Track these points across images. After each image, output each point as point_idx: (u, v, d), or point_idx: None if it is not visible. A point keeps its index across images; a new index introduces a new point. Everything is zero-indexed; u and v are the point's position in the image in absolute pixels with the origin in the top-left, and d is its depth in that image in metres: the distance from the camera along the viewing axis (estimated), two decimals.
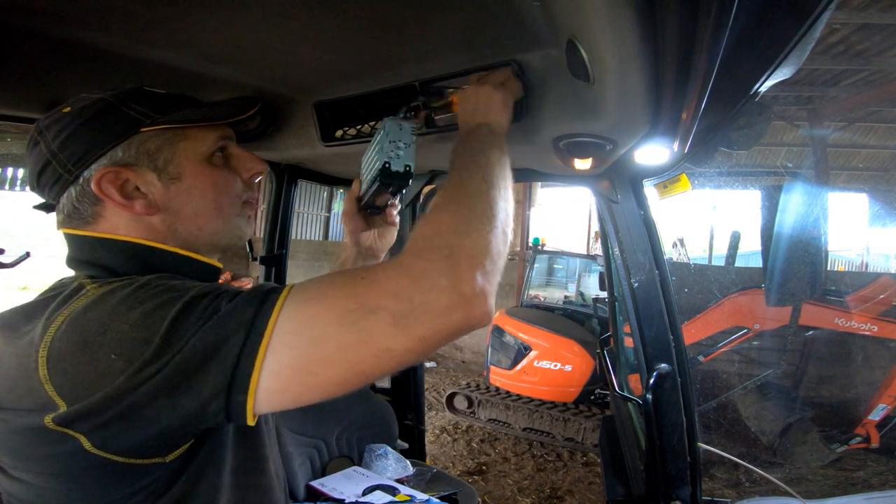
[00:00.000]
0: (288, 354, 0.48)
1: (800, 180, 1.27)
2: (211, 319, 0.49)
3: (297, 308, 0.50)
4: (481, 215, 0.59)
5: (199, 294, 0.51)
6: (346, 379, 0.51)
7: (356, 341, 0.49)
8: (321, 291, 0.52)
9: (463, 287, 0.51)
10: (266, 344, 0.48)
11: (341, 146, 1.13)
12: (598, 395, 4.31)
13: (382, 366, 0.51)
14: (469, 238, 0.55)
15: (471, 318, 0.51)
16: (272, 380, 0.48)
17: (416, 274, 0.51)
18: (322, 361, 0.49)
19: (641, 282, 1.23)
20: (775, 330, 3.77)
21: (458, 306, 0.50)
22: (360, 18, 0.75)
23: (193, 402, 0.48)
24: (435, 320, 0.50)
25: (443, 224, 0.57)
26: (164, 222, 0.63)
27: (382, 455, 1.68)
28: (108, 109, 0.60)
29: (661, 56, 0.57)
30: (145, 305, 0.50)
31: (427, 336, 0.50)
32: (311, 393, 0.51)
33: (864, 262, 10.23)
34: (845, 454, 3.54)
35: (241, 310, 0.50)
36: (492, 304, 0.54)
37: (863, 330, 3.58)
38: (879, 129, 8.95)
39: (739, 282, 4.14)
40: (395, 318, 0.49)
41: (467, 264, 0.52)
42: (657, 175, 1.19)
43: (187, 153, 0.64)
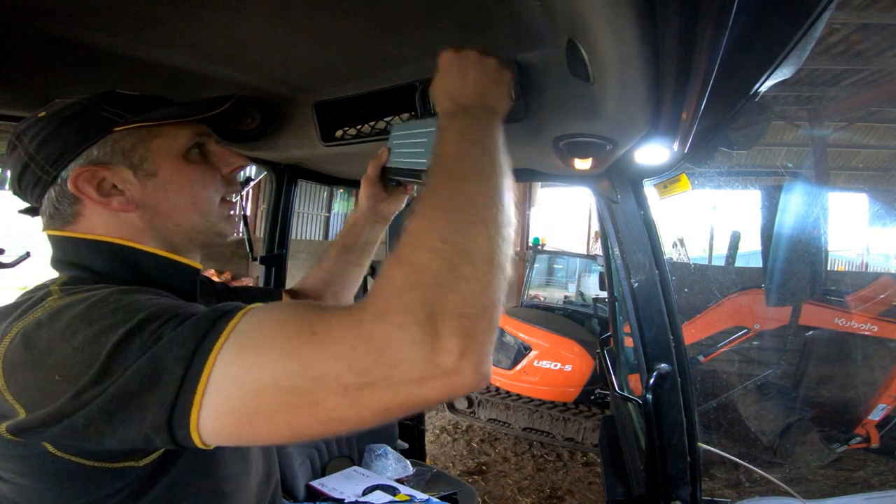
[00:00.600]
0: (225, 405, 0.44)
1: (800, 180, 1.27)
2: (153, 348, 0.45)
3: (238, 353, 0.45)
4: (476, 253, 0.46)
5: (146, 318, 0.48)
6: (292, 436, 0.45)
7: (298, 404, 0.43)
8: (267, 339, 0.45)
9: (442, 358, 0.41)
10: (203, 386, 0.44)
11: (341, 146, 1.13)
12: (598, 395, 4.31)
13: (336, 432, 0.45)
14: (455, 291, 0.43)
15: (453, 389, 0.42)
16: (213, 423, 0.44)
17: (379, 343, 0.42)
18: (262, 418, 0.44)
19: (641, 282, 1.23)
20: (775, 330, 3.77)
21: (434, 379, 0.42)
22: (360, 18, 0.75)
23: (136, 433, 0.45)
24: (402, 394, 0.42)
25: (419, 270, 0.45)
26: (143, 218, 0.64)
27: (382, 455, 1.68)
28: (81, 112, 0.62)
29: (661, 56, 0.57)
30: (92, 327, 0.47)
31: (392, 408, 0.42)
32: (259, 440, 0.47)
33: (864, 262, 10.23)
34: (845, 454, 3.54)
35: (182, 342, 0.45)
36: (486, 367, 0.44)
37: (863, 330, 3.58)
38: (879, 129, 8.94)
39: (739, 282, 4.15)
40: (347, 389, 0.42)
41: (450, 328, 0.42)
42: (657, 175, 1.19)
43: (161, 150, 0.65)
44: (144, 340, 0.46)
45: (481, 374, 0.43)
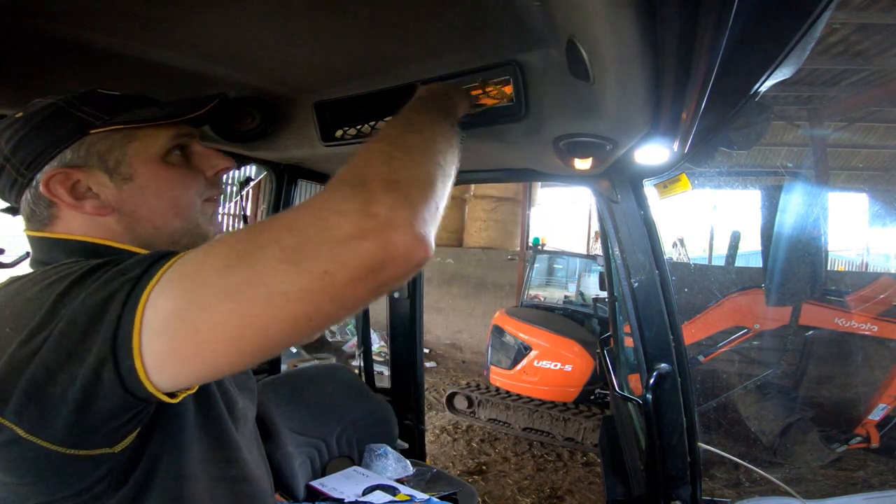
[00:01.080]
0: (167, 305, 0.43)
1: (800, 180, 1.27)
2: (100, 281, 0.46)
3: (188, 258, 0.45)
4: (408, 146, 0.53)
5: (97, 265, 0.48)
6: (238, 335, 0.42)
7: (241, 282, 0.41)
8: (219, 238, 0.47)
9: (373, 207, 0.42)
10: (146, 298, 0.43)
11: (341, 146, 1.13)
12: (598, 395, 4.31)
13: (280, 316, 0.42)
14: (387, 165, 0.48)
15: (389, 245, 0.42)
16: (154, 338, 0.43)
17: (318, 205, 0.44)
18: (204, 311, 0.42)
19: (641, 282, 1.23)
20: (775, 330, 3.77)
21: (368, 231, 0.42)
22: (360, 18, 0.75)
23: (87, 371, 0.43)
24: (337, 249, 0.41)
25: (357, 159, 0.50)
26: (120, 223, 0.63)
27: (382, 455, 1.68)
28: (57, 113, 0.61)
29: (661, 56, 0.57)
30: (47, 280, 0.48)
31: (332, 270, 0.41)
32: (205, 357, 0.44)
33: (864, 262, 10.23)
34: (845, 454, 3.54)
35: (132, 268, 0.46)
36: (423, 232, 0.44)
37: (863, 330, 3.58)
38: (879, 129, 8.95)
39: (739, 282, 4.14)
40: (285, 251, 0.41)
41: (381, 187, 0.44)
42: (657, 175, 1.19)
43: (138, 153, 0.63)
44: (90, 283, 0.46)
45: (416, 231, 0.43)
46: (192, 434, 0.61)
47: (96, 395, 0.44)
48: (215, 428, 0.66)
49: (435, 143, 0.57)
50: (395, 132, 0.58)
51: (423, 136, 0.57)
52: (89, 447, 0.49)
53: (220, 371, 0.47)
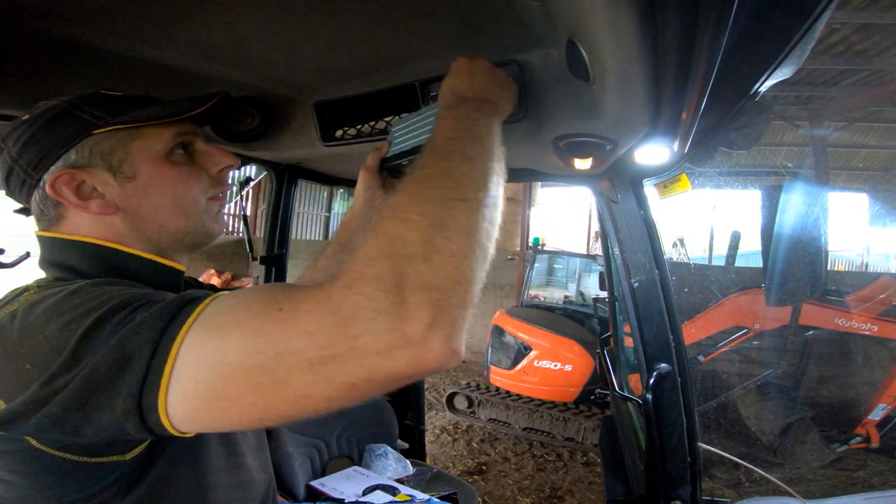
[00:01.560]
0: (192, 387, 0.44)
1: (800, 180, 1.27)
2: (121, 332, 0.45)
3: (204, 336, 0.45)
4: (452, 227, 0.45)
5: (117, 305, 0.48)
6: (260, 420, 0.45)
7: (265, 383, 0.42)
8: (234, 321, 0.45)
9: (408, 328, 0.40)
10: (170, 370, 0.44)
11: (341, 146, 1.13)
12: (598, 395, 4.32)
13: (304, 412, 0.44)
14: (427, 262, 0.43)
15: (420, 363, 0.41)
16: (182, 406, 0.44)
17: (345, 312, 0.41)
18: (229, 399, 0.43)
19: (641, 282, 1.23)
20: (775, 330, 3.77)
21: (400, 350, 0.40)
22: (361, 18, 0.75)
23: (109, 419, 0.45)
24: (367, 367, 0.41)
25: (392, 240, 0.44)
26: (125, 221, 0.64)
27: (382, 455, 1.68)
28: (60, 114, 0.61)
29: (661, 56, 0.57)
30: (63, 317, 0.48)
31: (358, 384, 0.41)
32: (229, 424, 0.46)
33: (864, 262, 10.23)
34: (845, 454, 3.54)
35: (150, 325, 0.45)
36: (458, 341, 0.42)
37: (863, 330, 3.58)
38: (879, 129, 8.95)
39: (739, 282, 4.14)
40: (311, 363, 0.41)
41: (418, 299, 0.41)
42: (657, 175, 1.19)
43: (141, 152, 0.64)
44: (114, 326, 0.46)
45: (451, 348, 0.41)
46: (210, 442, 0.63)
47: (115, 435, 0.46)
48: (229, 433, 0.67)
49: (485, 209, 0.49)
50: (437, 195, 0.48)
51: (470, 205, 0.48)
52: (101, 456, 0.50)
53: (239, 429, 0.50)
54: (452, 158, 0.53)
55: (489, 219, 0.49)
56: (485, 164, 0.53)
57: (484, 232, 0.48)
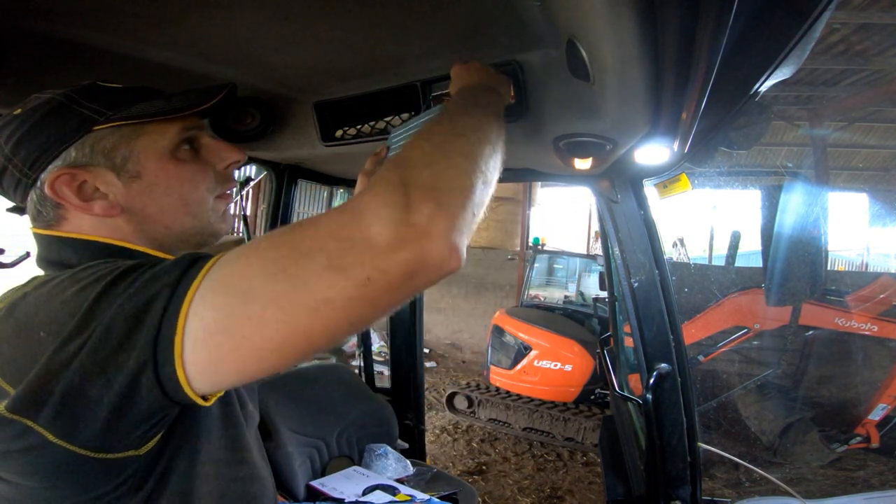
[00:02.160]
0: (211, 315, 0.43)
1: (800, 180, 1.27)
2: (137, 284, 0.45)
3: (226, 263, 0.45)
4: (452, 151, 0.52)
5: (134, 265, 0.48)
6: (283, 342, 0.43)
7: (287, 291, 0.42)
8: (255, 243, 0.46)
9: (412, 217, 0.43)
10: (188, 305, 0.43)
11: (341, 146, 1.13)
12: (598, 395, 4.32)
13: (324, 322, 0.43)
14: (429, 169, 0.48)
15: (425, 254, 0.43)
16: (199, 347, 0.43)
17: (359, 208, 0.45)
18: (251, 320, 0.42)
19: (641, 282, 1.23)
20: (775, 330, 3.77)
21: (406, 240, 0.43)
22: (361, 18, 0.75)
23: (126, 377, 0.43)
24: (379, 258, 0.42)
25: (401, 160, 0.50)
26: (130, 223, 0.61)
27: (382, 455, 1.68)
28: (58, 109, 0.58)
29: (661, 56, 0.57)
30: (80, 283, 0.47)
31: (374, 277, 0.42)
32: (249, 364, 0.44)
33: (864, 262, 10.22)
34: (845, 454, 3.54)
35: (168, 273, 0.45)
36: (458, 242, 0.45)
37: (863, 330, 3.58)
38: (879, 129, 8.94)
39: (739, 282, 4.14)
40: (331, 258, 0.42)
41: (421, 194, 0.45)
42: (657, 175, 1.19)
43: (146, 149, 0.60)
44: (127, 286, 0.45)
45: (451, 241, 0.44)
46: (210, 433, 0.61)
47: (133, 400, 0.44)
48: (233, 426, 0.65)
49: (480, 147, 0.55)
50: (440, 133, 0.56)
51: (468, 140, 0.55)
52: (117, 451, 0.48)
53: (260, 375, 0.47)
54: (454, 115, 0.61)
55: (487, 154, 0.55)
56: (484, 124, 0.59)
57: (482, 158, 0.53)
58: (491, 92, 0.71)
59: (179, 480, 0.56)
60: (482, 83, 0.73)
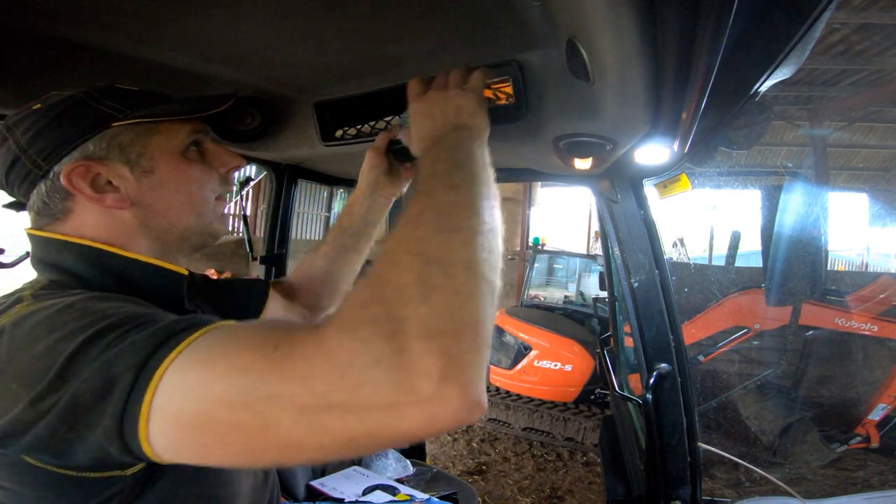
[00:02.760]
0: (174, 417, 0.41)
1: (800, 180, 1.27)
2: (107, 354, 0.44)
3: (191, 365, 0.42)
4: (450, 261, 0.42)
5: (108, 326, 0.46)
6: (249, 461, 0.42)
7: (251, 425, 0.39)
8: (223, 352, 0.42)
9: (417, 381, 0.36)
10: (151, 397, 0.41)
11: (341, 146, 1.13)
12: (598, 395, 4.32)
13: (295, 460, 0.41)
14: (427, 304, 0.38)
15: (439, 421, 0.36)
16: (164, 437, 0.42)
17: (340, 359, 0.37)
18: (212, 435, 0.40)
19: (641, 282, 1.23)
20: (775, 330, 3.77)
21: (412, 406, 0.36)
22: (360, 18, 0.75)
23: (96, 440, 0.43)
24: (369, 423, 0.36)
25: (385, 284, 0.41)
26: (137, 217, 0.63)
27: (382, 455, 1.68)
28: (77, 105, 0.60)
29: (661, 56, 0.57)
30: (53, 335, 0.46)
31: (358, 439, 0.37)
32: (214, 461, 0.43)
33: (864, 262, 10.22)
34: (845, 454, 3.54)
35: (137, 350, 0.43)
36: (477, 391, 0.37)
37: (863, 330, 3.58)
38: (879, 129, 8.95)
39: (739, 282, 4.14)
40: (303, 411, 0.37)
41: (423, 346, 0.36)
42: (657, 175, 1.19)
43: (160, 147, 0.63)
44: (102, 348, 0.44)
45: (471, 400, 0.37)
46: None
47: (107, 454, 0.44)
48: None
49: (479, 239, 0.44)
50: (427, 234, 0.45)
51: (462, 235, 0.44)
52: (100, 471, 0.49)
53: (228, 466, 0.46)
54: (435, 192, 0.49)
55: (488, 247, 0.45)
56: (472, 189, 0.50)
57: (485, 263, 0.43)
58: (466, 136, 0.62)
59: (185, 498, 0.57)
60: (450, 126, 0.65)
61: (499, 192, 0.53)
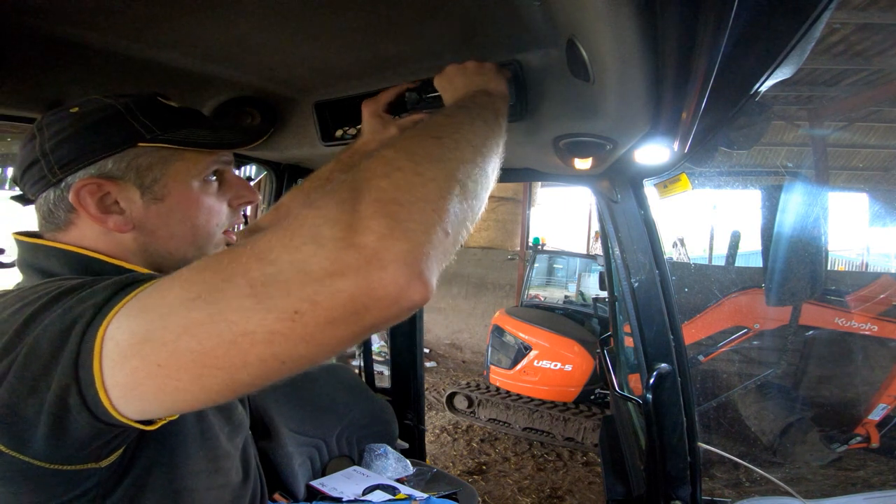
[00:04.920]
0: (126, 339, 0.40)
1: (800, 180, 1.27)
2: (66, 304, 0.43)
3: (153, 288, 0.41)
4: (421, 156, 0.43)
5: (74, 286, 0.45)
6: (200, 375, 0.38)
7: (202, 319, 0.37)
8: (190, 266, 0.41)
9: (358, 236, 0.35)
10: (104, 328, 0.40)
11: (341, 146, 1.13)
12: (598, 395, 4.31)
13: (244, 358, 0.37)
14: (387, 179, 0.40)
15: (373, 284, 0.35)
16: (118, 372, 0.40)
17: (294, 225, 0.37)
18: (165, 347, 0.38)
19: (641, 282, 1.23)
20: (775, 330, 3.77)
21: (347, 266, 0.35)
22: (360, 18, 0.75)
23: (53, 398, 0.41)
24: (310, 287, 0.35)
25: (358, 169, 0.42)
26: (136, 241, 0.61)
27: (382, 455, 1.68)
28: (114, 118, 0.58)
29: (661, 56, 0.57)
30: (20, 303, 0.46)
31: (303, 311, 0.35)
32: (167, 393, 0.40)
33: (864, 262, 10.22)
34: (845, 454, 3.54)
35: (98, 294, 0.43)
36: (422, 268, 0.36)
37: (863, 330, 3.58)
38: (879, 129, 8.95)
39: (739, 282, 4.14)
40: (253, 285, 0.36)
41: (373, 208, 0.37)
42: (657, 175, 1.19)
43: (178, 175, 0.62)
44: (61, 304, 0.44)
45: (413, 270, 0.36)
46: (188, 448, 0.60)
47: (67, 420, 0.42)
48: (211, 437, 0.65)
49: (458, 151, 0.47)
50: (409, 137, 0.48)
51: (442, 143, 0.47)
52: (73, 463, 0.47)
53: (188, 406, 0.43)
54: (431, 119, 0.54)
55: (468, 159, 0.47)
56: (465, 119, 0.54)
57: (461, 164, 0.45)
58: (480, 94, 0.68)
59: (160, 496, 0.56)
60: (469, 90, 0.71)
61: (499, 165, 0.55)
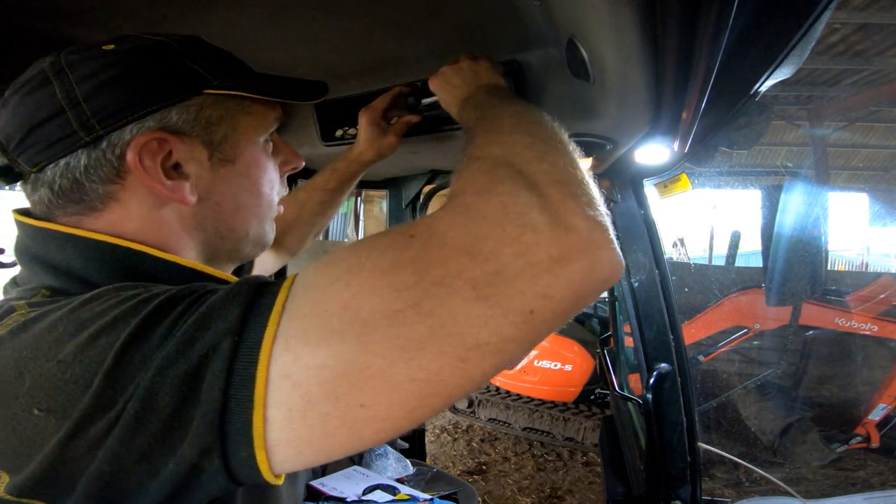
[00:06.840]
0: (313, 375, 0.30)
1: (800, 180, 1.27)
2: (178, 334, 0.32)
3: (317, 293, 0.32)
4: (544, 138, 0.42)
5: (166, 301, 0.33)
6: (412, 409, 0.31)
7: (425, 336, 0.30)
8: (348, 267, 0.33)
9: (570, 219, 0.33)
10: (266, 364, 0.30)
11: (341, 146, 1.13)
12: (598, 395, 4.31)
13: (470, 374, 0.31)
14: (545, 162, 0.38)
15: (597, 268, 0.32)
16: (297, 423, 0.30)
17: (495, 212, 0.33)
18: (373, 381, 0.30)
19: (641, 282, 1.23)
20: (775, 330, 3.77)
21: (575, 252, 0.32)
22: (360, 18, 0.75)
23: (179, 465, 0.31)
24: (543, 279, 0.31)
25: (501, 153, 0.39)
26: (195, 217, 0.47)
27: (382, 455, 1.68)
28: (167, 58, 0.45)
29: (661, 56, 0.57)
30: (84, 333, 0.33)
31: (538, 309, 0.31)
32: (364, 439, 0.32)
33: (864, 262, 10.22)
34: (845, 454, 3.54)
35: (223, 311, 0.32)
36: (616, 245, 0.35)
37: (863, 330, 3.58)
38: (879, 129, 8.94)
39: (739, 282, 4.14)
40: (477, 286, 0.30)
41: (561, 191, 0.34)
42: (657, 175, 1.19)
43: (247, 132, 0.49)
44: (167, 328, 0.32)
45: (613, 244, 0.34)
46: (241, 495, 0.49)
47: (189, 489, 0.32)
48: None
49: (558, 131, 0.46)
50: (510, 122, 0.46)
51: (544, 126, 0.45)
52: None
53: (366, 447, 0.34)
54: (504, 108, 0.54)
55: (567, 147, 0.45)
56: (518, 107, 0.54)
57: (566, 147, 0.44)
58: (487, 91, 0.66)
59: None
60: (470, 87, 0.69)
61: None
